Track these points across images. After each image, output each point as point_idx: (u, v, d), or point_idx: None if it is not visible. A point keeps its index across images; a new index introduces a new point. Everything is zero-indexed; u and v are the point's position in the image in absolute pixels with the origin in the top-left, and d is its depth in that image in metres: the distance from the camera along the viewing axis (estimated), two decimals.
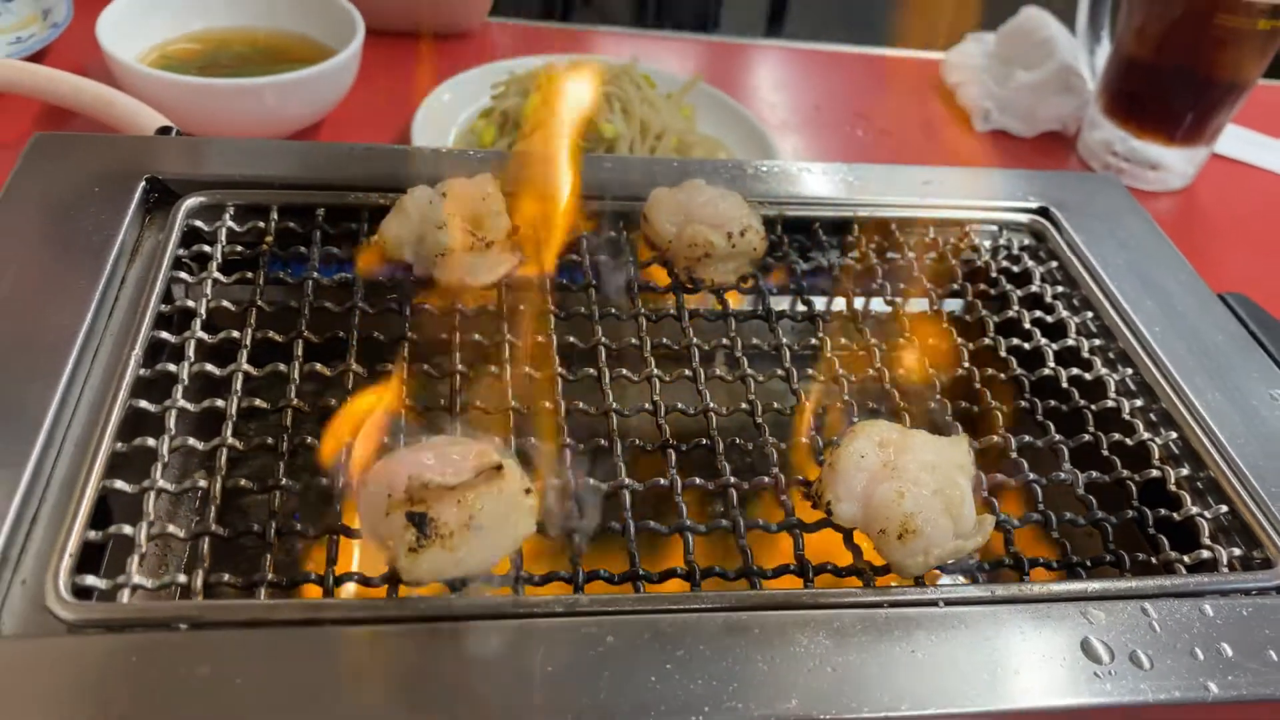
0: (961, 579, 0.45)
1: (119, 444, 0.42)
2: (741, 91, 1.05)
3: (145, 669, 0.35)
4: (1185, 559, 0.46)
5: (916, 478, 0.42)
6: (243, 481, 0.43)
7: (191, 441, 0.44)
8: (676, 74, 0.95)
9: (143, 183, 0.55)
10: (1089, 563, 0.45)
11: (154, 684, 0.35)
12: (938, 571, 0.43)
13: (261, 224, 0.55)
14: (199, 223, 0.55)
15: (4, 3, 0.96)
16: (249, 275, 0.53)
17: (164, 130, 0.68)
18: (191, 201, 0.55)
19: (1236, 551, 0.46)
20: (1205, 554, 0.46)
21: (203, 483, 0.42)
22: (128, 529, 0.40)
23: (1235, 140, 1.04)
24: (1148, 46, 0.92)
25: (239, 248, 0.54)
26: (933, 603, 0.41)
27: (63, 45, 0.92)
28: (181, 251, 0.53)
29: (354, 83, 0.89)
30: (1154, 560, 0.46)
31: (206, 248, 0.53)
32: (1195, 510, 0.47)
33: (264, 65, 0.90)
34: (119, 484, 0.41)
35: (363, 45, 0.87)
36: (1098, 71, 0.99)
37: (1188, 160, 0.96)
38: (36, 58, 0.90)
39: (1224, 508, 0.47)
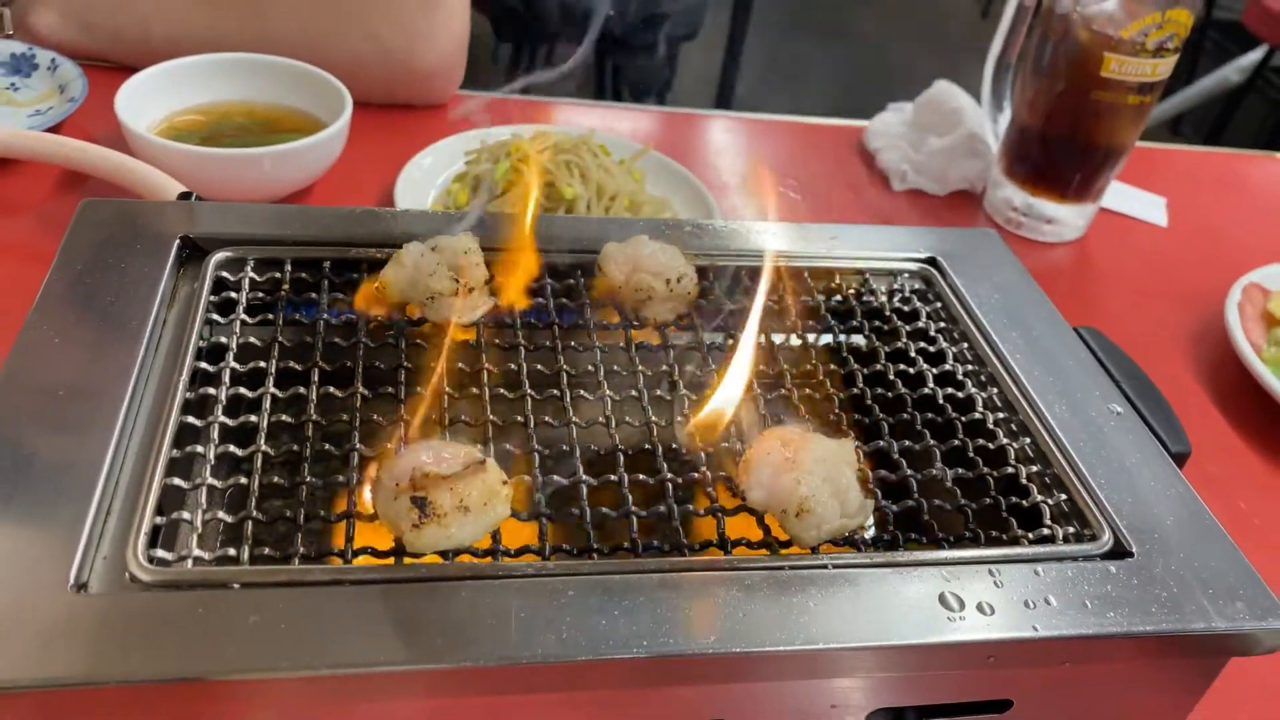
0: (849, 549, 0.56)
1: (174, 450, 0.53)
2: (688, 156, 1.17)
3: (208, 617, 0.45)
4: (1029, 536, 0.57)
5: (811, 469, 0.54)
6: (275, 479, 0.53)
7: (232, 448, 0.54)
8: (630, 141, 1.08)
9: (177, 241, 0.65)
10: (952, 539, 0.57)
11: (215, 629, 0.45)
12: (831, 545, 0.55)
13: (278, 274, 0.66)
14: (225, 274, 0.65)
15: (24, 79, 1.07)
16: (269, 317, 0.63)
17: (184, 195, 0.79)
18: (219, 256, 0.65)
19: (1071, 530, 0.58)
20: (1046, 532, 0.57)
21: (243, 480, 0.53)
22: (187, 515, 0.50)
23: (1120, 196, 1.18)
24: (1038, 117, 1.06)
25: (260, 294, 0.65)
26: (823, 566, 0.52)
27: (77, 117, 1.03)
28: (212, 298, 0.63)
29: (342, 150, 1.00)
30: (1004, 537, 0.57)
31: (233, 294, 0.64)
32: (1040, 499, 0.59)
33: (261, 135, 1.01)
34: (176, 481, 0.52)
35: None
36: (1000, 138, 1.13)
37: (1078, 214, 1.10)
38: (55, 129, 1.01)
39: (1064, 496, 0.59)
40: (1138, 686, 0.55)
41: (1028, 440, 0.62)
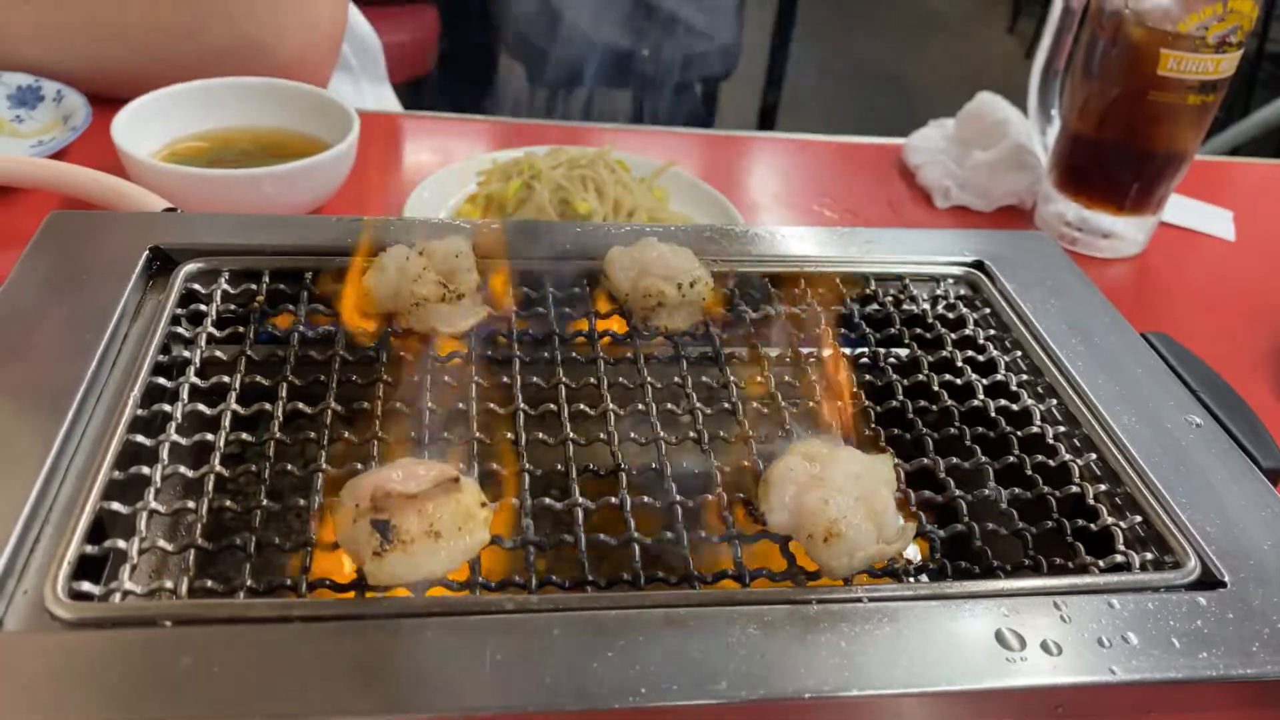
0: (888, 580, 0.48)
1: (116, 472, 0.47)
2: (718, 177, 1.11)
3: (133, 659, 0.39)
4: (1100, 564, 0.49)
5: (841, 487, 0.46)
6: (228, 502, 0.47)
7: (182, 469, 0.48)
8: (653, 159, 1.01)
9: (146, 252, 0.60)
10: (1009, 567, 0.49)
11: (141, 672, 0.38)
12: (867, 576, 0.47)
13: (254, 286, 0.60)
14: (196, 286, 0.60)
15: (29, 110, 1.04)
16: (240, 330, 0.57)
17: (169, 210, 0.75)
18: (190, 267, 0.60)
19: (1149, 556, 0.49)
20: (1119, 559, 0.49)
21: (191, 504, 0.46)
22: (121, 543, 0.44)
23: (1182, 209, 1.10)
24: (1090, 124, 0.98)
25: (232, 307, 0.59)
26: (857, 600, 0.44)
27: (80, 145, 0.99)
28: (179, 311, 0.58)
29: (351, 173, 0.95)
30: (1070, 565, 0.49)
31: (202, 307, 0.58)
32: (1111, 521, 0.51)
33: (266, 160, 0.96)
34: (115, 505, 0.45)
35: (358, 138, 0.94)
36: (1049, 149, 1.06)
37: (1137, 228, 1.02)
38: (57, 157, 0.97)
39: (1138, 518, 0.51)
40: None
41: (1094, 456, 0.55)
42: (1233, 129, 3.45)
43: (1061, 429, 0.56)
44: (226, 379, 0.53)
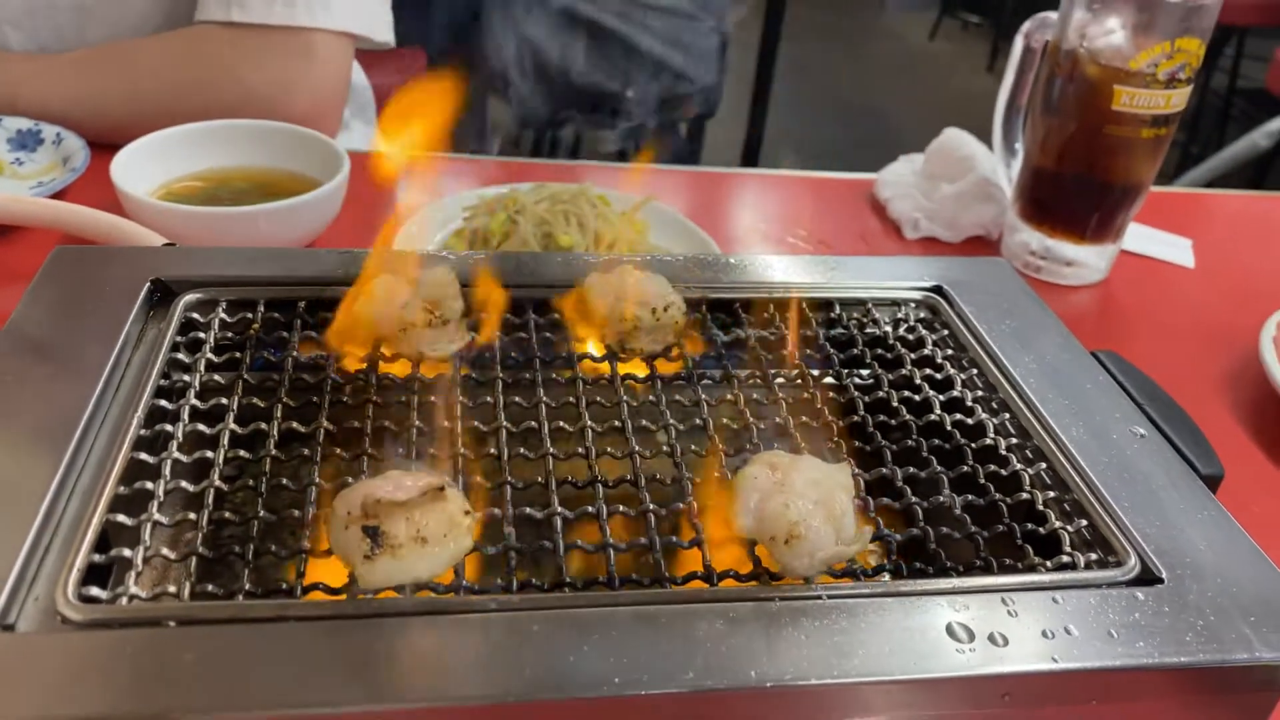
0: (847, 580, 0.51)
1: (121, 487, 0.50)
2: (697, 212, 1.14)
3: (139, 656, 0.41)
4: (1047, 564, 0.52)
5: (802, 492, 0.49)
6: (227, 514, 0.50)
7: (184, 484, 0.51)
8: (633, 195, 1.05)
9: (147, 284, 0.63)
10: (961, 568, 0.52)
11: (146, 668, 0.41)
12: (828, 576, 0.50)
13: (250, 315, 0.63)
14: (195, 315, 0.63)
15: (29, 153, 1.08)
16: (237, 356, 0.61)
17: (168, 245, 0.78)
18: (189, 297, 0.63)
19: (1094, 557, 0.53)
20: (1065, 559, 0.52)
21: (192, 515, 0.49)
22: (127, 552, 0.47)
23: (1143, 238, 1.14)
24: (1050, 157, 1.03)
25: (229, 334, 0.62)
26: (817, 597, 0.47)
27: (79, 187, 1.03)
28: (179, 338, 0.61)
29: (342, 209, 0.99)
30: (1019, 565, 0.52)
31: (201, 334, 0.61)
32: (1058, 525, 0.54)
33: (260, 198, 1.00)
34: (120, 517, 0.48)
35: (349, 176, 0.97)
36: (1013, 181, 1.10)
37: (1099, 256, 1.06)
38: (56, 198, 1.00)
39: (1084, 522, 0.54)
40: None
41: (1044, 466, 0.58)
42: (1207, 163, 3.53)
43: (1013, 441, 0.60)
44: (225, 401, 0.57)
